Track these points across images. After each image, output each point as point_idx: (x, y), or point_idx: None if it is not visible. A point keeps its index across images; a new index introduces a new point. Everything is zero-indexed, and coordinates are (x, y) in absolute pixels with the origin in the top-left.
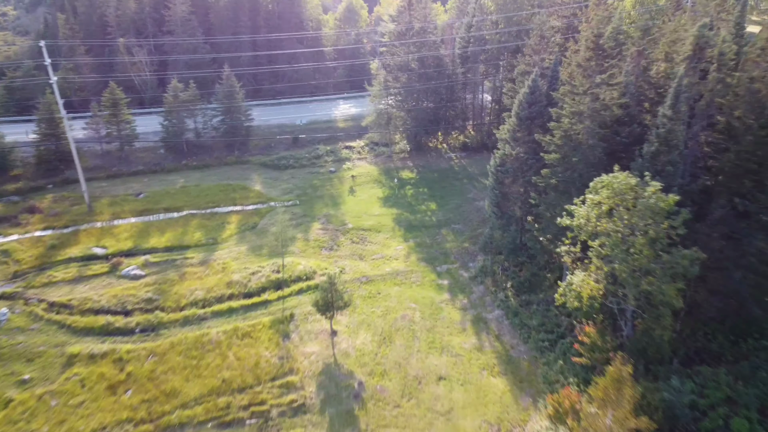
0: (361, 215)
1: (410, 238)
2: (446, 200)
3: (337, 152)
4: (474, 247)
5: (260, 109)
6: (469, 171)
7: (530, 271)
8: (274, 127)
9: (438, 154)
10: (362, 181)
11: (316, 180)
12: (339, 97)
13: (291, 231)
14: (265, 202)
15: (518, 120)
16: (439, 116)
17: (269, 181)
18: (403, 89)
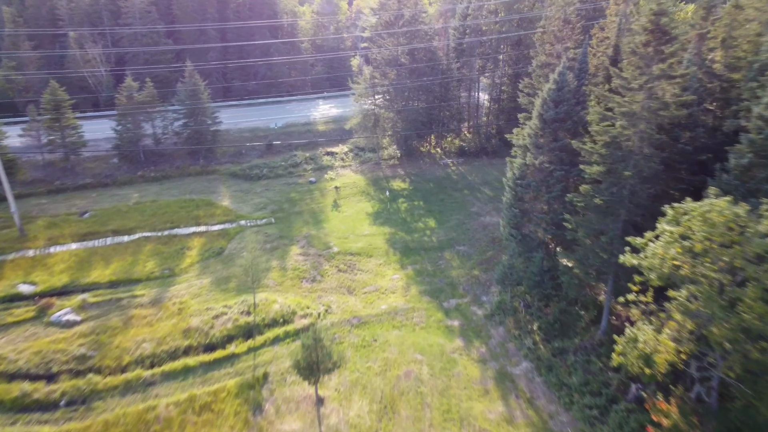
0: (347, 235)
1: (408, 264)
2: (446, 215)
3: (317, 159)
4: (485, 275)
5: (229, 110)
6: (469, 180)
7: (559, 307)
8: (245, 131)
9: (432, 161)
10: (347, 193)
11: (293, 193)
12: (318, 97)
13: (264, 257)
14: (233, 221)
15: (542, 122)
16: (432, 117)
17: (239, 195)
18: (392, 87)
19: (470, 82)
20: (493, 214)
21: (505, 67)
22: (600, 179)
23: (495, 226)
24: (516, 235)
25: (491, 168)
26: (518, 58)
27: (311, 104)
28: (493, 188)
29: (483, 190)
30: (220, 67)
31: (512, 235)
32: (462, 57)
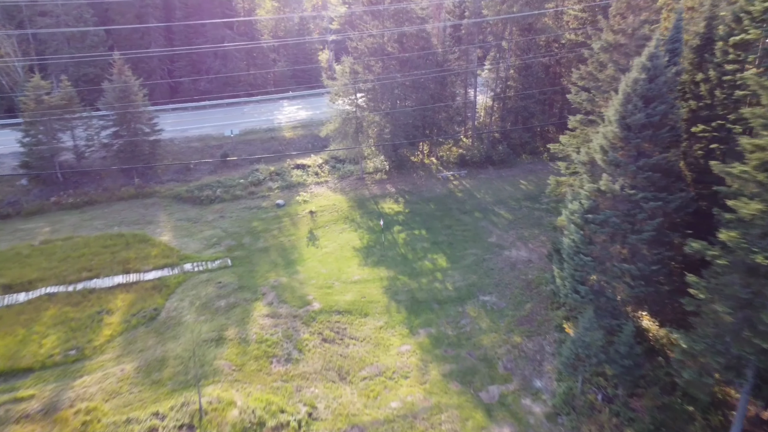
0: (331, 283)
1: (419, 327)
2: (458, 249)
3: (285, 174)
4: (531, 342)
5: (175, 115)
6: (478, 198)
7: (653, 400)
8: (193, 141)
9: (427, 174)
10: (326, 220)
11: (256, 221)
12: (282, 97)
13: (216, 323)
14: (175, 265)
15: (623, 129)
16: (427, 120)
17: (185, 226)
18: (378, 82)
19: (467, 76)
20: (520, 246)
21: (512, 58)
22: (750, 221)
23: (526, 264)
24: (585, 294)
25: (502, 182)
26: (528, 46)
27: (274, 106)
28: (510, 209)
29: (498, 212)
30: (165, 62)
31: (579, 294)
32: (460, 45)
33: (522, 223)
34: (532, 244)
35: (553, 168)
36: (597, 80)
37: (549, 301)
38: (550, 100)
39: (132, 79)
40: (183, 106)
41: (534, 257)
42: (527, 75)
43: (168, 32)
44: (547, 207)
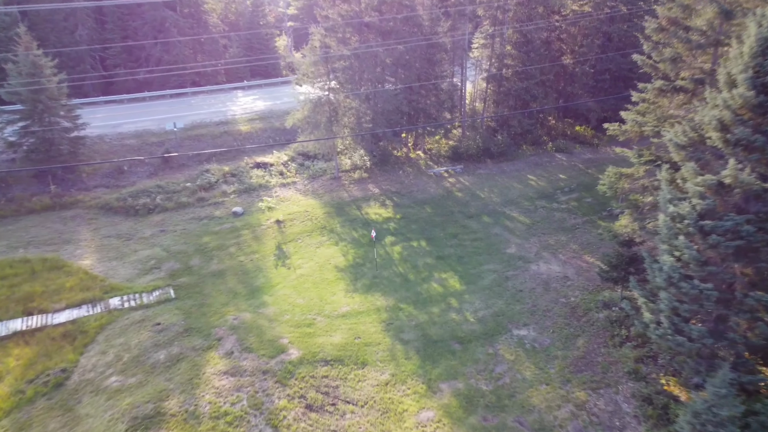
0: (312, 318)
1: (439, 380)
2: (471, 264)
3: (242, 175)
4: (600, 398)
5: (107, 109)
6: (483, 198)
7: None
8: (128, 137)
9: (416, 170)
10: (298, 231)
11: (207, 235)
12: (236, 87)
13: (151, 388)
14: (98, 300)
15: (758, 93)
16: (413, 105)
17: (114, 245)
18: (355, 58)
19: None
20: (548, 258)
21: (509, 31)
22: None
23: (562, 283)
24: (699, 336)
25: (506, 178)
26: (530, 16)
27: (227, 97)
28: (525, 210)
29: (511, 215)
30: (96, 49)
31: (686, 336)
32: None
33: (543, 227)
34: (563, 254)
35: (561, 160)
36: (686, 29)
37: (606, 333)
38: (552, 82)
39: (43, 60)
40: (118, 98)
41: (570, 272)
42: (528, 51)
43: (98, 13)
44: (567, 207)
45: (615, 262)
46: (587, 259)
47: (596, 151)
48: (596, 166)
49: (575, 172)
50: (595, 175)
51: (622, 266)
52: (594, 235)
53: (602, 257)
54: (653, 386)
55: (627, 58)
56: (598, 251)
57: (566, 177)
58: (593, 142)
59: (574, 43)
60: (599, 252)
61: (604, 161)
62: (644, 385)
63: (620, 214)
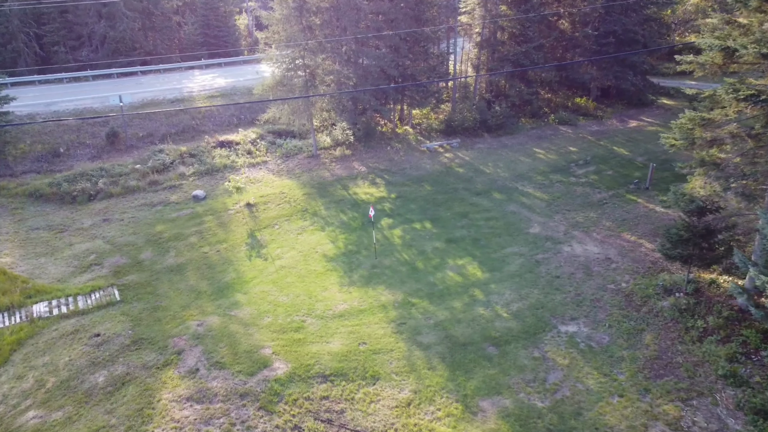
0: (301, 320)
1: (478, 396)
2: (490, 248)
3: (203, 156)
4: (696, 413)
5: (43, 89)
6: (488, 173)
7: None
8: (66, 115)
9: (406, 146)
10: (274, 216)
11: (162, 223)
12: (192, 66)
13: (86, 423)
14: (17, 307)
15: None
16: (402, 72)
17: (43, 238)
18: (334, 12)
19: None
20: (582, 238)
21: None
22: None
23: (605, 266)
24: None
25: (510, 152)
26: None
27: (182, 75)
28: (540, 186)
29: (526, 191)
30: (30, 24)
31: None
32: None
33: (565, 203)
34: (597, 233)
35: (566, 133)
36: None
37: (678, 326)
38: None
39: None
40: (56, 77)
41: (612, 253)
42: (526, 10)
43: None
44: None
45: (683, 236)
46: (627, 237)
47: (602, 124)
48: (607, 137)
49: (586, 144)
50: (609, 146)
51: (693, 241)
52: (627, 210)
53: (665, 231)
54: (763, 393)
55: (633, 18)
56: (638, 228)
57: (577, 149)
58: (597, 114)
59: (573, 4)
60: (639, 229)
61: (615, 133)
62: (750, 392)
63: (688, 175)
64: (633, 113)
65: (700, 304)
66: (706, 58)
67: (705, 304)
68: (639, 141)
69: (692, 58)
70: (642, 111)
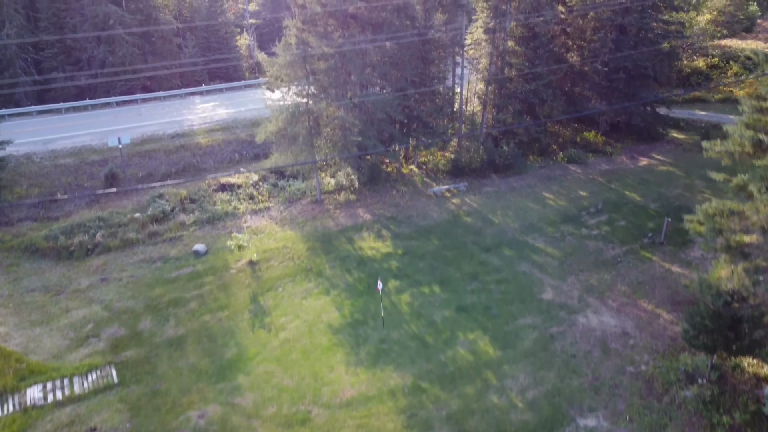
0: (306, 411)
1: None
2: (502, 317)
3: (204, 201)
4: None
5: (40, 120)
6: (497, 223)
7: None
8: (63, 156)
9: (412, 189)
10: (277, 275)
11: (161, 285)
12: (192, 92)
13: None
14: (9, 393)
15: None
16: (408, 113)
17: (39, 301)
18: (339, 57)
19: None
20: (596, 305)
21: (511, 23)
22: None
23: (623, 342)
24: None
25: (518, 196)
26: (536, 6)
27: (183, 103)
28: (550, 239)
29: (536, 246)
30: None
31: None
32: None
33: (578, 262)
34: (613, 299)
35: (575, 173)
36: None
37: (702, 421)
38: (558, 82)
39: None
40: (54, 108)
41: (629, 326)
42: (535, 47)
43: (30, 9)
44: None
45: (708, 326)
46: (644, 306)
47: (612, 161)
48: (618, 179)
49: (596, 188)
50: (620, 190)
51: (718, 331)
52: (642, 271)
53: (687, 315)
54: None
55: (645, 54)
56: (654, 294)
57: (587, 194)
58: (606, 150)
59: (582, 38)
60: (656, 295)
61: (625, 174)
62: None
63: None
64: (643, 149)
65: (724, 394)
66: (734, 147)
67: (730, 394)
68: (650, 183)
69: (720, 146)
70: (652, 146)
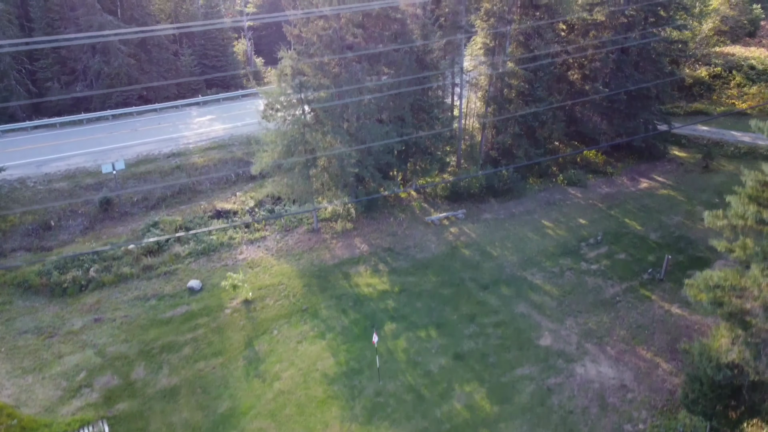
0: None
1: None
2: (499, 367)
3: (199, 229)
4: None
5: (35, 137)
6: (495, 257)
7: None
8: (57, 180)
9: (410, 217)
10: (272, 315)
11: (155, 327)
12: (189, 103)
13: None
14: None
15: None
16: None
17: (31, 346)
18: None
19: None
20: (594, 353)
21: (512, 45)
22: None
23: (621, 396)
24: None
25: (516, 224)
26: (537, 30)
27: (179, 116)
28: (549, 275)
29: (535, 283)
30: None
31: None
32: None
33: (576, 301)
34: (611, 346)
35: (575, 197)
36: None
37: None
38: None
39: None
40: (49, 123)
41: (627, 377)
42: (535, 69)
43: (24, 19)
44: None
45: (707, 393)
46: (643, 353)
47: (612, 183)
48: (618, 205)
49: (596, 215)
50: (620, 218)
51: (717, 399)
52: (642, 312)
53: (686, 379)
54: None
55: (647, 75)
56: (653, 340)
57: (587, 222)
58: (607, 171)
59: (583, 56)
60: (655, 342)
61: (626, 198)
62: None
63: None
64: (644, 169)
65: None
66: (736, 220)
67: None
68: (651, 209)
69: (722, 219)
70: (653, 166)
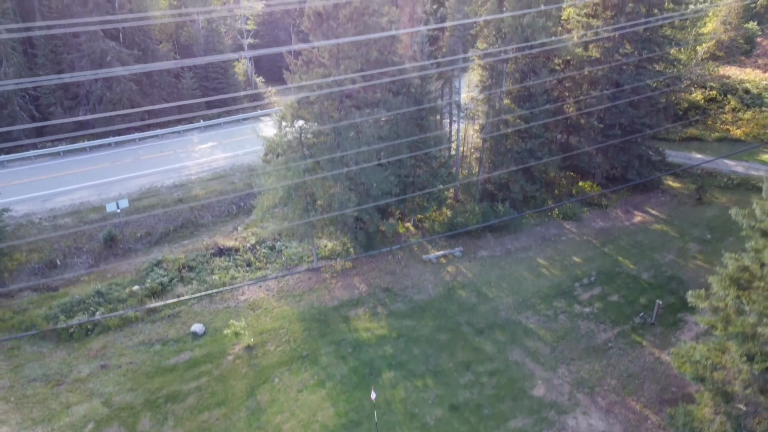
0: None
1: None
2: (492, 419)
3: (202, 269)
4: None
5: (38, 167)
6: (491, 298)
7: None
8: (62, 216)
9: (408, 255)
10: (274, 362)
11: (160, 375)
12: (191, 128)
13: None
14: None
15: None
16: (404, 180)
17: (40, 395)
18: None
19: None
20: (585, 404)
21: (507, 82)
22: None
23: None
24: None
25: (512, 262)
26: (532, 66)
27: (180, 142)
28: (543, 319)
29: (529, 327)
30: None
31: None
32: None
33: (569, 347)
34: (602, 396)
35: (570, 232)
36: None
37: None
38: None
39: None
40: (53, 151)
41: (617, 431)
42: (531, 106)
43: (28, 45)
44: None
45: None
46: (633, 405)
47: (606, 216)
48: (612, 241)
49: (590, 252)
50: (614, 256)
51: None
52: (633, 360)
53: None
54: None
55: (640, 110)
56: (643, 390)
57: (581, 260)
58: (601, 203)
59: (579, 92)
60: (644, 392)
61: (620, 233)
62: None
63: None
64: (638, 201)
65: None
66: (718, 303)
67: None
68: (644, 246)
69: (705, 301)
70: (647, 197)
